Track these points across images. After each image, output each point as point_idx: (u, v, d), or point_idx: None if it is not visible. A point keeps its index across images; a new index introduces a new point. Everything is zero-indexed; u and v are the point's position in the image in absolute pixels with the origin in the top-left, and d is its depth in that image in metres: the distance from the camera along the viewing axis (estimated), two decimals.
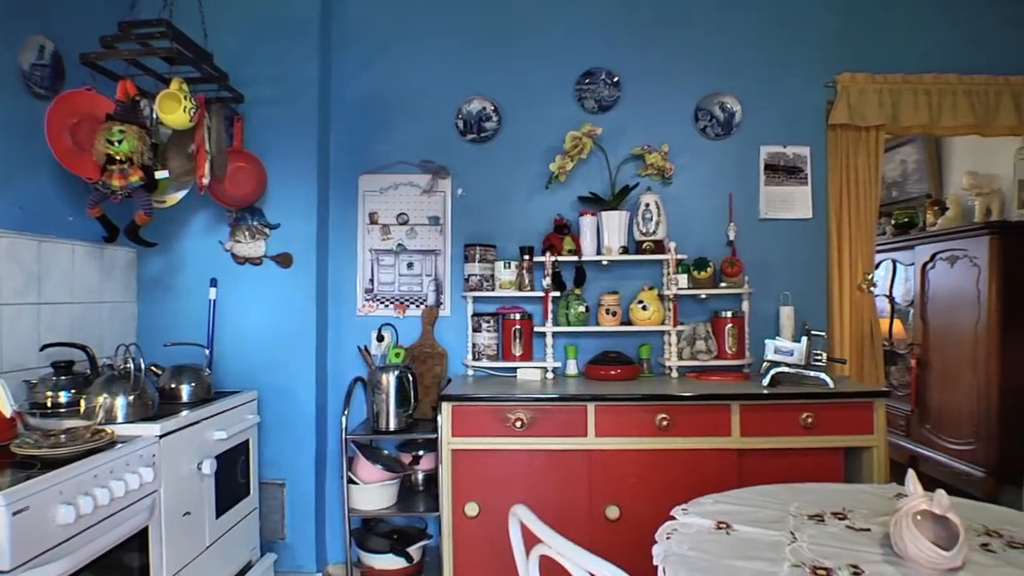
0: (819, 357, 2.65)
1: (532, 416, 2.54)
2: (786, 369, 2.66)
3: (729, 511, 1.60)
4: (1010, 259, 3.56)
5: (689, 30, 3.14)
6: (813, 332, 2.68)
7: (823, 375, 2.61)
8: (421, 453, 2.91)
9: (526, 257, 2.96)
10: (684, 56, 3.14)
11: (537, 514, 1.21)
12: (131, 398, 2.07)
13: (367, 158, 3.12)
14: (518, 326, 2.95)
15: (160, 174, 2.39)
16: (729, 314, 2.95)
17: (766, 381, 2.64)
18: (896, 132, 3.26)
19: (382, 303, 3.11)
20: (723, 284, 2.98)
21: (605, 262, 2.96)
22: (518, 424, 2.52)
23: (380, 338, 2.98)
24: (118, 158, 2.20)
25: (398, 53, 3.13)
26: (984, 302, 3.65)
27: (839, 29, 3.16)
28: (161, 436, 2.03)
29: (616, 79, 3.12)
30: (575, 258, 2.94)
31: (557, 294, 2.93)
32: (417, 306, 3.10)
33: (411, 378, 2.80)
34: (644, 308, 2.91)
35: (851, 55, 3.13)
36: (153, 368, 2.45)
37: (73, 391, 2.15)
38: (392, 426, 2.75)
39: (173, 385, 2.42)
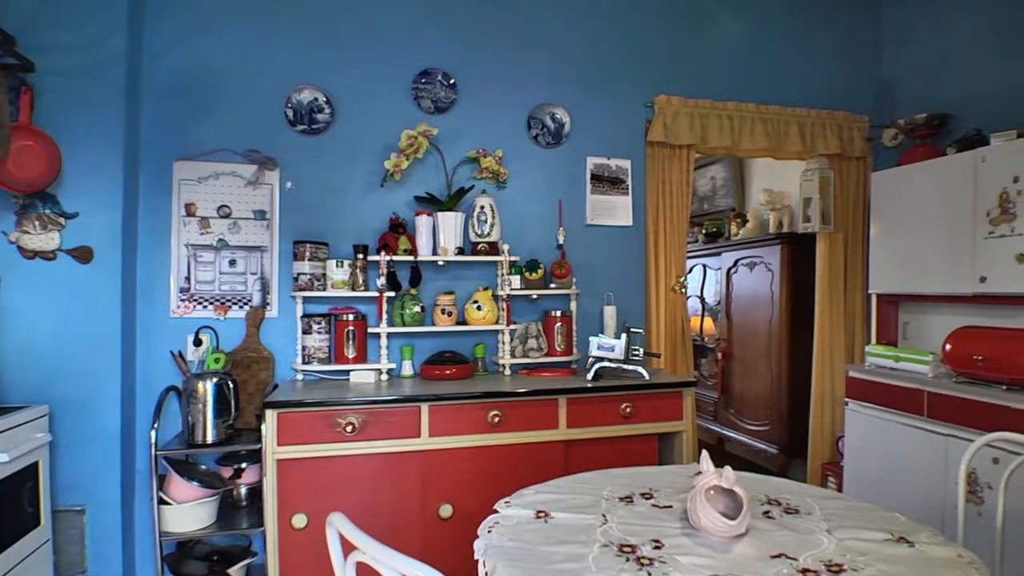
0: (637, 352, 2.87)
1: (364, 420, 2.48)
2: (608, 364, 2.85)
3: (548, 500, 1.67)
4: (797, 265, 4.09)
5: (524, 41, 3.26)
6: (632, 329, 2.89)
7: (640, 368, 2.82)
8: (244, 466, 2.73)
9: (360, 256, 2.89)
10: (519, 66, 3.25)
11: (370, 519, 1.19)
12: None
13: (184, 143, 2.86)
14: (351, 327, 2.86)
15: None
16: (558, 313, 3.09)
17: (590, 375, 2.81)
18: (705, 151, 3.62)
19: (200, 304, 2.87)
20: (553, 285, 3.12)
21: (441, 262, 2.98)
22: (349, 429, 2.45)
23: (198, 342, 2.76)
24: None
25: (222, 30, 2.91)
26: (776, 302, 4.16)
27: (658, 54, 3.45)
28: None
29: (453, 81, 3.15)
30: (411, 258, 2.93)
31: (392, 294, 2.90)
32: (241, 307, 2.90)
33: (232, 385, 2.62)
34: (479, 308, 2.97)
35: (668, 79, 3.44)
36: None
37: None
38: (210, 438, 2.56)
39: None
